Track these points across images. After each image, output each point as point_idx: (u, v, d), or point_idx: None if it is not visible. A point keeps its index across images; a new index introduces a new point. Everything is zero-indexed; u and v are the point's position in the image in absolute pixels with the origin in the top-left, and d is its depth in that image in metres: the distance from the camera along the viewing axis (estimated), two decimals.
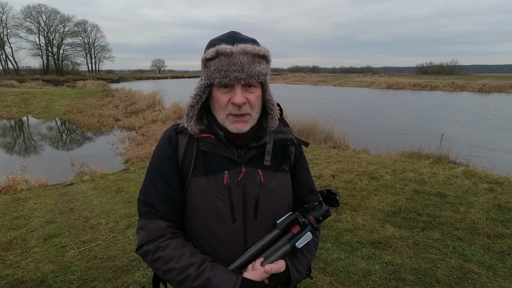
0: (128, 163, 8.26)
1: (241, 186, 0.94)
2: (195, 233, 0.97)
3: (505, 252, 3.03)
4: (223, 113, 0.89)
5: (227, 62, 0.82)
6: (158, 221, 0.92)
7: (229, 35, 0.88)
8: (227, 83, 0.85)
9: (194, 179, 0.94)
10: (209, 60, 0.84)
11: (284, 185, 1.01)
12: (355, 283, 2.62)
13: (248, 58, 0.82)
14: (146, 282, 2.68)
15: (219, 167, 0.94)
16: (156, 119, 14.26)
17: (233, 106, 0.87)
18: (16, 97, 22.61)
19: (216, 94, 0.89)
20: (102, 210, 4.43)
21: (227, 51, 0.81)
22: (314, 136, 9.03)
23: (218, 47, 0.82)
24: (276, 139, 1.00)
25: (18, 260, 3.10)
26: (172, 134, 0.99)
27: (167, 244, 0.90)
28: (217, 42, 0.85)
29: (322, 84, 54.29)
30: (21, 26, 51.80)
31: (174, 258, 0.88)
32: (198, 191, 0.94)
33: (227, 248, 0.95)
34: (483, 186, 4.71)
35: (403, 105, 23.40)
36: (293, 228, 0.96)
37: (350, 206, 4.22)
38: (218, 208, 0.93)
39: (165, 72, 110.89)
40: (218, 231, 0.94)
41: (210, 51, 0.83)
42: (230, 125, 0.89)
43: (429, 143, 7.64)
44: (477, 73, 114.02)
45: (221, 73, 0.82)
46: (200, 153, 0.96)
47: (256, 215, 0.96)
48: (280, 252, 0.94)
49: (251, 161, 0.97)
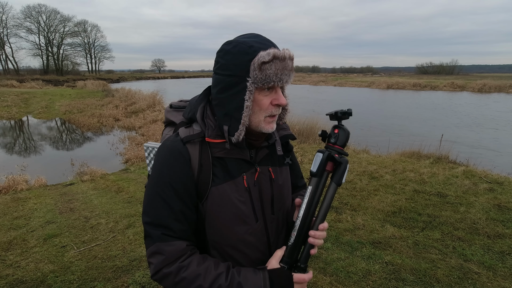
0: (128, 163, 8.26)
1: (257, 185, 0.97)
2: (221, 242, 0.94)
3: (505, 252, 3.03)
4: (262, 115, 0.90)
5: (282, 67, 0.84)
6: (176, 242, 0.86)
7: (264, 38, 0.89)
8: (269, 86, 0.87)
9: (215, 188, 0.91)
10: (265, 64, 0.83)
11: (287, 178, 1.08)
12: (355, 283, 2.62)
13: (292, 62, 0.87)
14: (146, 282, 2.68)
15: (236, 170, 0.94)
16: (156, 119, 14.26)
17: (275, 107, 0.90)
18: (16, 97, 22.61)
19: (258, 97, 0.88)
20: (102, 210, 4.43)
21: (282, 55, 0.83)
22: (314, 136, 9.03)
23: (273, 51, 0.82)
24: (281, 135, 1.06)
25: (18, 260, 3.10)
26: (179, 145, 0.91)
27: (189, 262, 0.86)
28: (262, 45, 0.85)
29: (322, 84, 54.30)
30: (21, 26, 51.86)
31: (200, 274, 0.84)
32: (220, 199, 0.91)
33: (254, 250, 0.96)
34: (483, 186, 4.71)
35: (381, 103, 24.74)
36: (327, 166, 0.93)
37: (350, 206, 4.22)
38: (242, 212, 0.93)
39: (165, 72, 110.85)
40: (245, 234, 0.94)
41: (266, 54, 0.82)
42: (266, 126, 0.91)
43: (429, 143, 7.64)
44: (477, 73, 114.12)
45: (277, 77, 0.85)
46: (216, 160, 0.93)
47: (273, 211, 1.00)
48: (329, 195, 0.94)
49: (262, 160, 1.00)
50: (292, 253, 0.94)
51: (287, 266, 0.93)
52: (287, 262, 0.93)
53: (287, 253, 0.94)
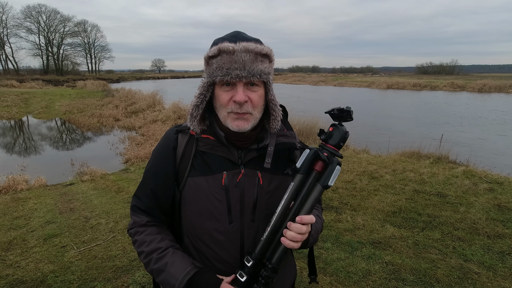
0: (128, 163, 8.25)
1: (239, 187, 0.93)
2: (192, 232, 0.98)
3: (505, 252, 3.03)
4: (224, 111, 0.89)
5: (229, 60, 0.81)
6: (141, 216, 1.01)
7: (233, 34, 0.88)
8: (229, 81, 0.84)
9: (191, 179, 0.94)
10: (212, 58, 0.84)
11: (284, 188, 0.99)
12: (355, 283, 2.62)
13: (250, 56, 0.82)
14: (146, 282, 2.68)
15: (217, 167, 0.94)
16: (156, 119, 14.25)
17: (235, 104, 0.86)
18: (16, 97, 22.61)
19: (218, 92, 0.88)
20: (102, 210, 4.43)
21: (229, 48, 0.81)
22: (314, 136, 9.03)
23: (220, 45, 0.82)
24: (278, 142, 0.98)
25: (18, 260, 3.10)
26: (171, 133, 1.00)
27: (143, 230, 0.98)
28: (220, 41, 0.86)
29: (322, 84, 54.28)
30: (21, 26, 51.90)
31: (146, 242, 0.95)
32: (195, 191, 0.94)
33: (224, 249, 0.94)
34: (483, 186, 4.71)
35: (370, 103, 25.11)
36: (316, 166, 0.86)
37: (350, 206, 4.22)
38: (215, 208, 0.92)
39: (165, 72, 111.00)
40: (213, 231, 0.93)
41: (213, 49, 0.83)
42: (231, 123, 0.88)
43: (429, 143, 7.64)
44: (477, 73, 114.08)
45: (223, 70, 0.82)
46: (199, 153, 0.95)
47: (254, 218, 0.95)
48: (313, 197, 0.85)
49: (250, 163, 0.96)
50: (264, 249, 0.88)
51: (256, 261, 0.87)
52: (256, 258, 0.87)
53: (258, 248, 0.88)
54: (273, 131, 0.96)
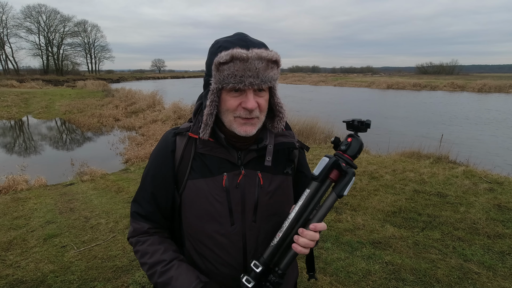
0: (128, 163, 8.25)
1: (240, 188, 0.93)
2: (193, 236, 0.96)
3: (505, 252, 3.03)
4: (231, 115, 0.87)
5: (242, 68, 0.79)
6: (141, 223, 0.99)
7: (240, 38, 0.85)
8: (240, 88, 0.83)
9: (191, 182, 0.93)
10: (223, 64, 0.81)
11: (284, 188, 1.00)
12: (355, 283, 2.62)
13: (263, 63, 0.81)
14: (146, 282, 2.68)
15: (217, 169, 0.93)
16: (156, 119, 14.24)
17: (244, 110, 0.85)
18: (16, 97, 22.61)
19: (226, 97, 0.86)
20: (102, 210, 4.43)
21: (243, 56, 0.78)
22: (314, 136, 9.03)
23: (233, 51, 0.78)
24: (277, 142, 0.97)
25: (18, 260, 3.10)
26: (169, 135, 0.98)
27: (145, 239, 0.97)
28: (229, 45, 0.82)
29: (322, 84, 54.25)
30: (21, 26, 51.98)
31: (148, 253, 0.94)
32: (195, 193, 0.93)
33: (226, 253, 0.93)
34: (483, 186, 4.71)
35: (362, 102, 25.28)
36: (331, 174, 0.86)
37: (350, 206, 4.22)
38: (216, 210, 0.92)
39: (165, 72, 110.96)
40: (215, 233, 0.93)
41: (224, 55, 0.79)
42: (238, 128, 0.87)
43: (429, 143, 7.64)
44: (477, 73, 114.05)
45: (236, 78, 0.80)
46: (198, 155, 0.95)
47: (255, 219, 0.94)
48: (326, 205, 0.85)
49: (250, 163, 0.95)
50: (273, 254, 0.87)
51: (264, 267, 0.86)
52: (265, 263, 0.86)
53: (268, 253, 0.87)
54: (277, 131, 0.97)
